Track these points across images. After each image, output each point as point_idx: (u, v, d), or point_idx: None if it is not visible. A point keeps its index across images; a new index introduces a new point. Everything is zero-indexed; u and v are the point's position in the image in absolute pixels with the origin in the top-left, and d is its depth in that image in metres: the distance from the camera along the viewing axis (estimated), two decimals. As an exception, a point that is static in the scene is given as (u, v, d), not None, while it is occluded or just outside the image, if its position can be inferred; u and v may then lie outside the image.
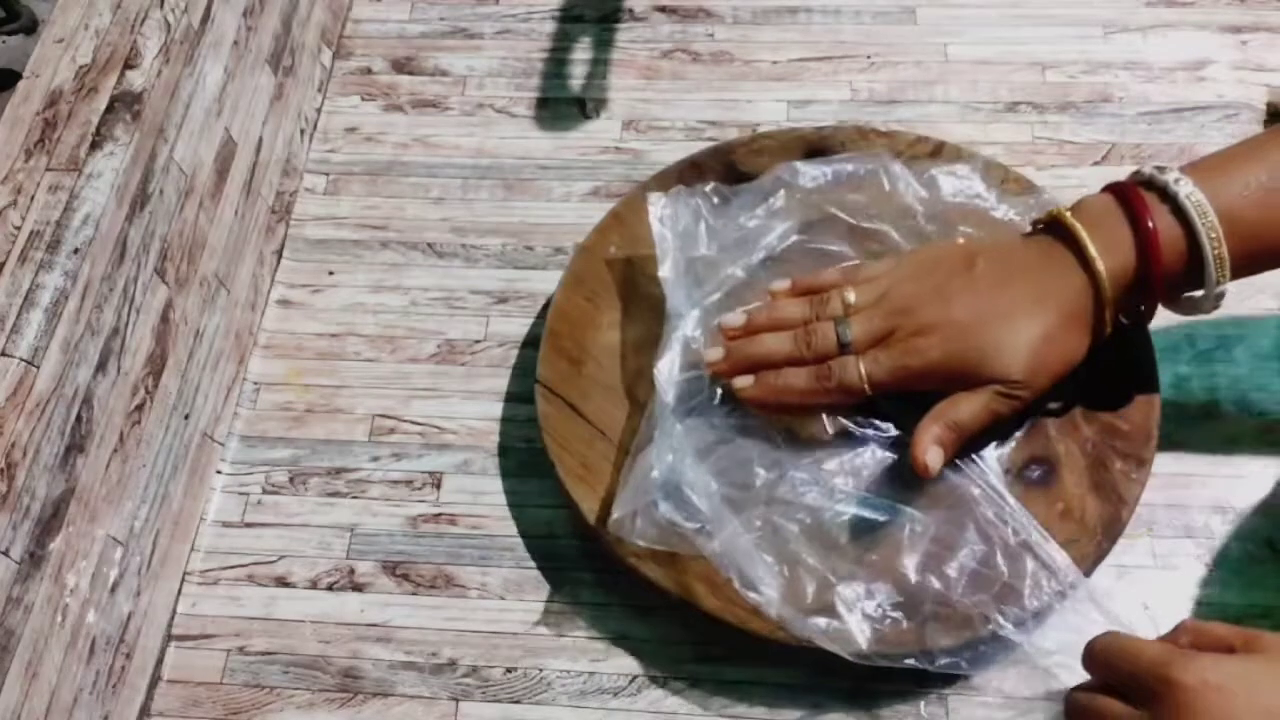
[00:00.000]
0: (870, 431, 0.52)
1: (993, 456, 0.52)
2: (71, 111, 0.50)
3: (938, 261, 0.51)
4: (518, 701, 0.52)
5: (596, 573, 0.55)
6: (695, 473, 0.49)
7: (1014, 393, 0.48)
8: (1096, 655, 0.42)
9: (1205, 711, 0.36)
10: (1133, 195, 0.47)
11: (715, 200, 0.57)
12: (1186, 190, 0.46)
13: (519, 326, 0.63)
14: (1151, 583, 0.53)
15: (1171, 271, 0.47)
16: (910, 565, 0.49)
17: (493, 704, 0.52)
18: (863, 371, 0.50)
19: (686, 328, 0.53)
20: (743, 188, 0.57)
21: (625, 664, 0.53)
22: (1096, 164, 0.66)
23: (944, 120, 0.68)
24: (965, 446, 0.50)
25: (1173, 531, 0.55)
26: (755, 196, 0.57)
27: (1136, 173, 0.48)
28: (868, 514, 0.50)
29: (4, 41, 0.55)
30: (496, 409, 0.60)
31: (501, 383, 0.61)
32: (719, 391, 0.53)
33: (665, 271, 0.54)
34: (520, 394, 0.60)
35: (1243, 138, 0.48)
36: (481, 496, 0.58)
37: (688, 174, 0.62)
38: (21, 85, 0.51)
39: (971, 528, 0.49)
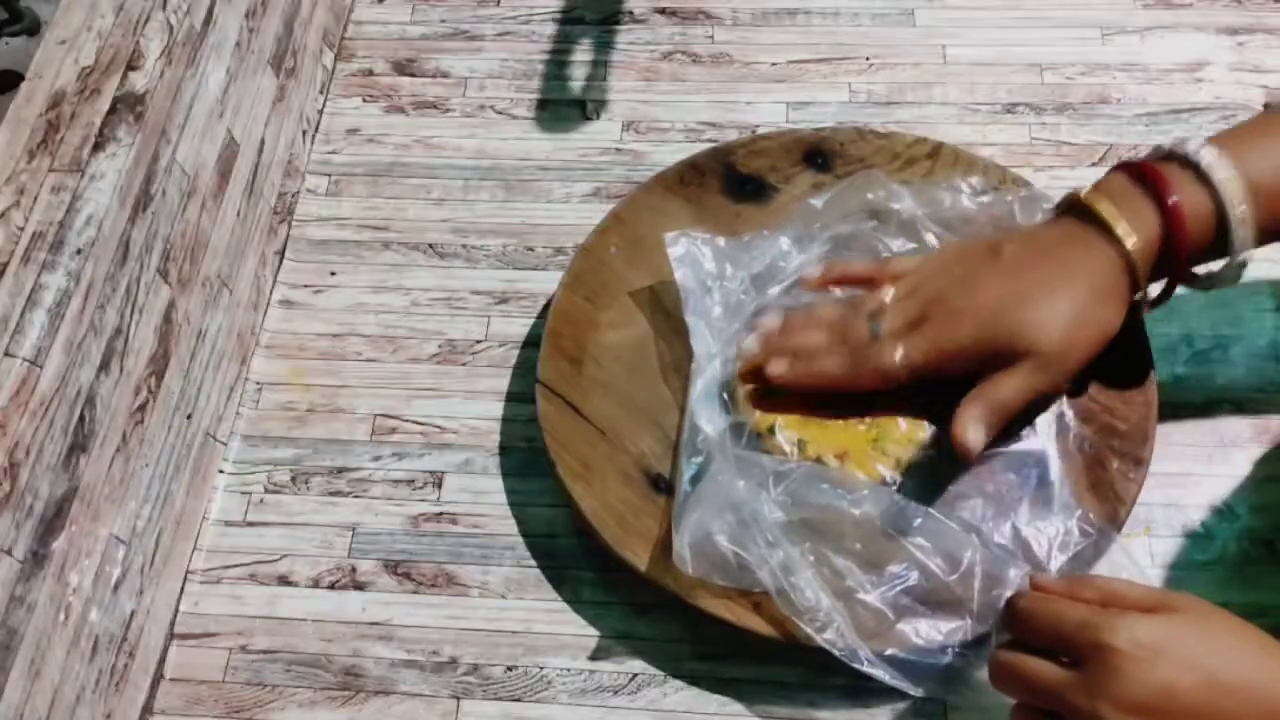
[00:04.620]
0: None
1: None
2: (74, 113, 0.51)
3: (965, 253, 0.52)
4: (518, 699, 0.53)
5: (597, 571, 0.55)
6: (752, 507, 0.49)
7: (1051, 367, 0.48)
8: (1019, 616, 0.43)
9: (1140, 672, 0.38)
10: (1147, 171, 0.47)
11: (728, 243, 0.57)
12: (1209, 158, 0.46)
13: (519, 327, 0.63)
14: (1149, 582, 0.53)
15: (1197, 241, 0.47)
16: (973, 596, 0.48)
17: (494, 702, 0.53)
18: (898, 354, 0.50)
19: (717, 366, 0.53)
20: (758, 234, 0.57)
21: (625, 662, 0.53)
22: (1094, 165, 0.66)
23: (942, 122, 0.68)
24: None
25: (1170, 531, 0.55)
26: (771, 235, 0.57)
27: (1157, 148, 0.49)
28: (923, 542, 0.49)
29: (7, 43, 0.55)
30: (497, 409, 0.61)
31: (502, 383, 0.61)
32: (750, 431, 0.52)
33: (690, 312, 0.54)
34: (521, 394, 0.61)
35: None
36: (482, 496, 0.58)
37: (688, 175, 0.62)
38: (24, 86, 0.52)
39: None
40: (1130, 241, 0.47)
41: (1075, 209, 0.50)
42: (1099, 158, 0.66)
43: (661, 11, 0.75)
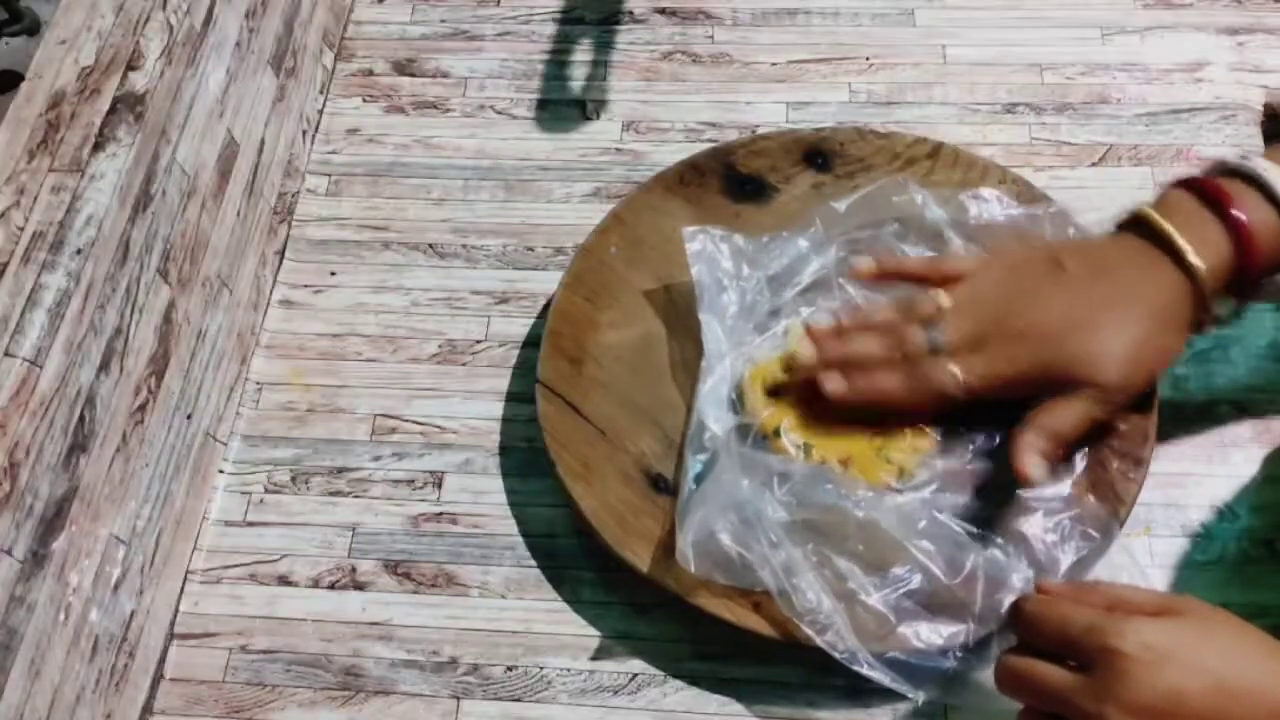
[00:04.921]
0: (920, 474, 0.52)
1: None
2: (74, 113, 0.51)
3: (1026, 264, 0.51)
4: (518, 699, 0.53)
5: (597, 571, 0.55)
6: (756, 507, 0.48)
7: (1112, 397, 0.48)
8: (1025, 619, 0.43)
9: (1147, 675, 0.38)
10: (1209, 188, 0.46)
11: (746, 242, 0.56)
12: (1275, 174, 0.45)
13: (519, 327, 0.63)
14: (1149, 582, 0.53)
15: (1269, 260, 0.46)
16: (975, 599, 0.48)
17: (493, 702, 0.53)
18: (957, 376, 0.49)
19: (727, 366, 0.53)
20: (777, 235, 0.57)
21: (625, 662, 0.53)
22: (1094, 165, 0.66)
23: (942, 121, 0.68)
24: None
25: (1170, 531, 0.55)
26: (790, 237, 0.57)
27: (1220, 163, 0.48)
28: (925, 545, 0.49)
29: (7, 43, 0.55)
30: (497, 409, 0.61)
31: (502, 383, 0.61)
32: (756, 432, 0.52)
33: (704, 309, 0.54)
34: (521, 394, 0.61)
35: (1240, 139, 0.49)
36: (482, 496, 0.58)
37: (688, 175, 0.62)
38: (24, 86, 0.52)
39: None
40: (1200, 266, 0.46)
41: (1140, 226, 0.48)
42: (1099, 158, 0.66)
43: (661, 11, 0.75)
